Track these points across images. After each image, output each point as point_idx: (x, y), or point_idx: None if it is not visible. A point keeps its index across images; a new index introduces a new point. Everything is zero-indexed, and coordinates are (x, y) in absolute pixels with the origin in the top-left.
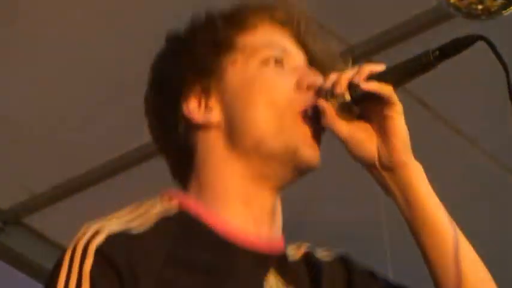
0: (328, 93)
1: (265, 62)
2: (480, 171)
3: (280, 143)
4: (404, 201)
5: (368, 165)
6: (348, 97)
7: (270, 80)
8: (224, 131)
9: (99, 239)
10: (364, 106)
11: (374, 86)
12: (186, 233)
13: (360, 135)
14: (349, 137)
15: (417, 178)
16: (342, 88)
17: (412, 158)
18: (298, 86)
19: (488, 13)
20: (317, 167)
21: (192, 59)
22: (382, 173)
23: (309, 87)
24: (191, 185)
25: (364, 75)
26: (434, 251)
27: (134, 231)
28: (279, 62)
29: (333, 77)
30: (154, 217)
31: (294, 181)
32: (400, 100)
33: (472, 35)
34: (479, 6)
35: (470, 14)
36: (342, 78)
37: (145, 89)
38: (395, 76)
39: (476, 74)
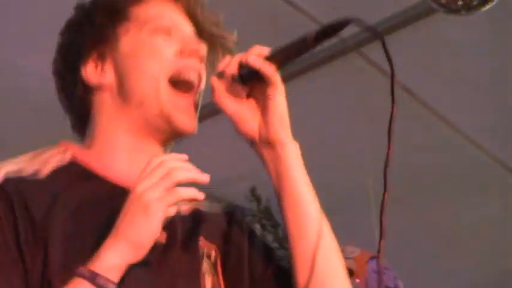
0: (220, 74)
1: (154, 31)
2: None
3: (156, 108)
4: (276, 177)
5: (250, 141)
6: (236, 77)
7: (156, 45)
8: (115, 91)
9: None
10: (251, 86)
11: (258, 63)
12: (74, 179)
13: (245, 113)
14: (235, 114)
15: (291, 157)
16: (231, 68)
17: (290, 136)
18: (181, 51)
19: (468, 8)
20: (193, 132)
21: (90, 27)
22: (261, 148)
23: (190, 54)
24: (86, 139)
25: (254, 55)
26: (295, 229)
27: (29, 176)
28: (167, 31)
29: (225, 59)
30: (48, 169)
31: (176, 140)
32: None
33: (343, 19)
34: (460, 2)
35: (451, 9)
36: (232, 60)
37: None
38: (279, 58)
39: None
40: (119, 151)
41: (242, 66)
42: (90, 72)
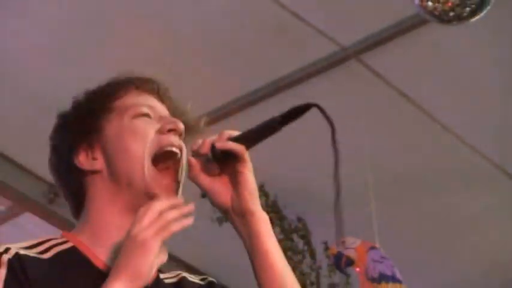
0: (195, 153)
1: (134, 116)
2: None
3: (142, 187)
4: (249, 242)
5: (224, 211)
6: (210, 156)
7: (138, 127)
8: (106, 174)
9: (10, 255)
10: (223, 163)
11: (228, 145)
12: (74, 263)
13: (218, 187)
14: (210, 188)
15: (260, 225)
16: (205, 149)
17: (259, 207)
18: (161, 129)
19: (459, 19)
20: (176, 191)
21: (78, 124)
22: (234, 218)
23: (170, 131)
24: (81, 221)
25: (223, 138)
26: (263, 281)
27: (35, 256)
28: (145, 114)
29: (199, 141)
30: (52, 252)
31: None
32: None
33: (306, 104)
34: (451, 13)
35: (444, 20)
36: (206, 142)
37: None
38: (248, 139)
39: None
40: (112, 232)
41: (214, 147)
42: (82, 160)
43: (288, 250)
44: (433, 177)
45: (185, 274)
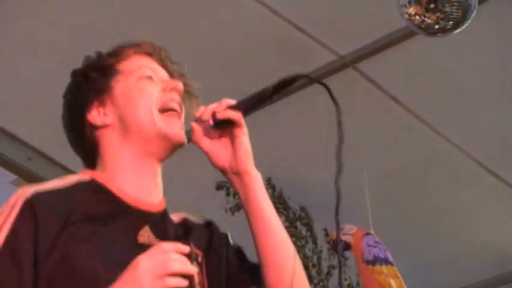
0: (197, 119)
1: (139, 78)
2: None
3: (154, 131)
4: (244, 199)
5: (222, 171)
6: (210, 122)
7: (143, 87)
8: (117, 127)
9: (28, 194)
10: (222, 128)
11: (227, 114)
12: (92, 193)
13: (218, 150)
14: (210, 151)
15: (255, 183)
16: (206, 116)
17: (253, 167)
18: (163, 89)
19: (443, 31)
20: (184, 143)
21: (89, 84)
22: (232, 177)
23: (171, 89)
24: (98, 167)
25: (223, 107)
26: (262, 238)
27: (55, 188)
28: (149, 77)
29: (201, 108)
30: (72, 182)
31: (170, 154)
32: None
33: (293, 76)
34: (436, 26)
35: (430, 32)
36: (207, 109)
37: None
38: (244, 107)
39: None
40: (127, 173)
41: (215, 115)
42: (95, 116)
43: (292, 236)
44: (421, 173)
45: (186, 214)
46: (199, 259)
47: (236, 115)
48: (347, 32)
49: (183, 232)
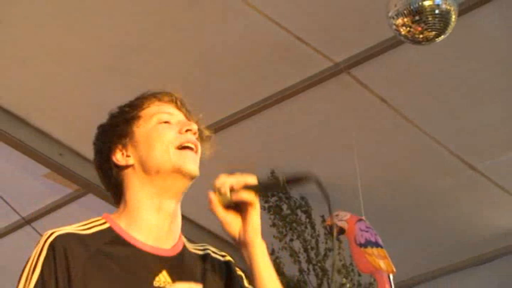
0: (216, 189)
1: (157, 122)
2: None
3: (170, 167)
4: (250, 264)
5: (233, 240)
6: (228, 196)
7: (161, 130)
8: (138, 167)
9: (52, 238)
10: (239, 205)
11: (243, 197)
12: (110, 241)
13: (231, 219)
14: (224, 220)
15: (259, 254)
16: (225, 190)
17: (259, 239)
18: (179, 131)
19: (427, 40)
20: (197, 175)
21: (113, 130)
22: (241, 246)
23: (186, 130)
24: (121, 205)
25: (240, 184)
26: None
27: (78, 233)
28: (166, 121)
29: (220, 180)
30: (93, 230)
31: (186, 188)
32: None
33: (305, 176)
34: (421, 36)
35: (415, 41)
36: (226, 183)
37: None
38: (258, 190)
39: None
40: (145, 212)
41: (233, 189)
42: (118, 158)
43: (293, 222)
44: (407, 165)
45: (210, 249)
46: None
47: (251, 198)
48: (341, 40)
49: (201, 270)
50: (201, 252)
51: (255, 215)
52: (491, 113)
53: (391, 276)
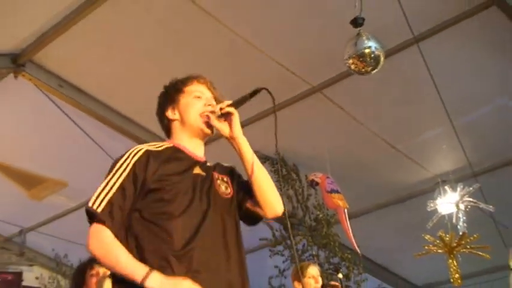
0: (214, 112)
1: (193, 96)
2: None
3: (196, 126)
4: (238, 151)
5: (226, 138)
6: (218, 112)
7: (194, 102)
8: (179, 121)
9: (141, 149)
10: (225, 116)
11: (227, 110)
12: (174, 151)
13: (223, 126)
14: (219, 127)
15: (242, 142)
16: (218, 111)
17: (241, 134)
18: (205, 104)
19: (367, 72)
20: (208, 133)
21: (168, 97)
22: (231, 140)
23: (208, 104)
24: (171, 138)
25: (225, 105)
26: (252, 175)
27: (156, 148)
28: (198, 96)
29: (215, 106)
30: (162, 147)
31: (206, 137)
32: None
33: (259, 88)
34: (363, 70)
35: (359, 73)
36: (217, 107)
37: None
38: (235, 104)
39: None
40: (186, 143)
41: (222, 109)
42: (169, 114)
43: (289, 179)
44: (354, 149)
45: (219, 163)
46: (225, 179)
47: (231, 109)
48: (316, 68)
49: (214, 167)
50: (211, 164)
51: (236, 120)
52: (414, 111)
53: (346, 210)
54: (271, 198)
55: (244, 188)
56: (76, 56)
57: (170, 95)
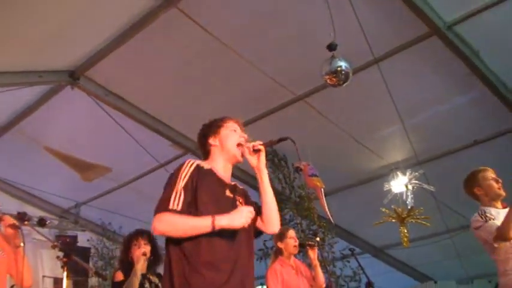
0: (248, 147)
1: (230, 130)
2: None
3: (232, 153)
4: (260, 182)
5: (253, 169)
6: (251, 149)
7: (232, 135)
8: (219, 147)
9: (196, 163)
10: (256, 151)
11: (258, 147)
12: (210, 173)
13: (253, 159)
14: (250, 159)
15: (264, 175)
16: (251, 146)
17: (264, 167)
18: (239, 137)
19: (339, 85)
20: (241, 161)
21: (212, 129)
22: (256, 170)
23: (242, 137)
24: (209, 160)
25: (257, 144)
26: (263, 197)
27: (203, 167)
28: (234, 130)
29: (249, 143)
30: (207, 168)
31: (235, 162)
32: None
33: (285, 137)
34: (336, 83)
35: (334, 86)
36: (250, 145)
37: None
38: (264, 144)
39: None
40: (221, 166)
41: (254, 146)
42: (211, 141)
43: (280, 166)
44: (328, 144)
45: (238, 184)
46: (241, 200)
47: (262, 147)
48: (300, 81)
49: (238, 192)
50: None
51: (263, 156)
52: (374, 115)
53: (322, 190)
54: (273, 220)
55: (256, 210)
56: (118, 72)
57: (213, 126)
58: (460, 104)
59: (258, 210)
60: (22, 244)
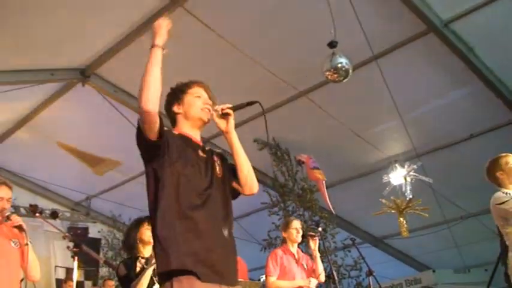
0: (215, 110)
1: (195, 96)
2: None
3: (197, 117)
4: (229, 143)
5: (222, 132)
6: (219, 112)
7: (195, 101)
8: (183, 114)
9: (166, 130)
10: (224, 115)
11: (227, 111)
12: (180, 138)
13: (222, 122)
14: (218, 123)
15: (233, 137)
16: (219, 110)
17: (233, 130)
18: (203, 102)
19: (340, 81)
20: (208, 122)
21: (175, 96)
22: (225, 134)
23: (206, 103)
24: (177, 126)
25: (226, 107)
26: (236, 158)
27: (173, 132)
28: (198, 96)
29: (217, 106)
30: (176, 132)
31: (203, 125)
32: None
33: (254, 101)
34: (336, 80)
35: (334, 81)
36: (218, 108)
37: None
38: (233, 108)
39: None
40: (187, 129)
41: (222, 109)
42: (175, 108)
43: (283, 159)
44: (329, 137)
45: (211, 148)
46: (218, 162)
47: (230, 111)
48: (302, 78)
49: (214, 153)
50: (208, 147)
51: (232, 119)
52: (374, 109)
53: (324, 182)
54: (249, 181)
55: (231, 171)
56: (127, 69)
57: (177, 93)
58: (457, 98)
59: (234, 173)
60: (28, 243)
